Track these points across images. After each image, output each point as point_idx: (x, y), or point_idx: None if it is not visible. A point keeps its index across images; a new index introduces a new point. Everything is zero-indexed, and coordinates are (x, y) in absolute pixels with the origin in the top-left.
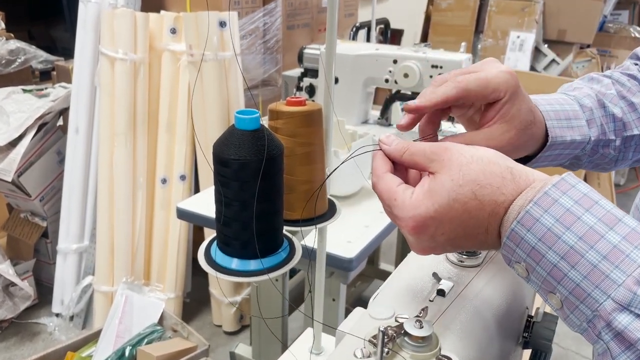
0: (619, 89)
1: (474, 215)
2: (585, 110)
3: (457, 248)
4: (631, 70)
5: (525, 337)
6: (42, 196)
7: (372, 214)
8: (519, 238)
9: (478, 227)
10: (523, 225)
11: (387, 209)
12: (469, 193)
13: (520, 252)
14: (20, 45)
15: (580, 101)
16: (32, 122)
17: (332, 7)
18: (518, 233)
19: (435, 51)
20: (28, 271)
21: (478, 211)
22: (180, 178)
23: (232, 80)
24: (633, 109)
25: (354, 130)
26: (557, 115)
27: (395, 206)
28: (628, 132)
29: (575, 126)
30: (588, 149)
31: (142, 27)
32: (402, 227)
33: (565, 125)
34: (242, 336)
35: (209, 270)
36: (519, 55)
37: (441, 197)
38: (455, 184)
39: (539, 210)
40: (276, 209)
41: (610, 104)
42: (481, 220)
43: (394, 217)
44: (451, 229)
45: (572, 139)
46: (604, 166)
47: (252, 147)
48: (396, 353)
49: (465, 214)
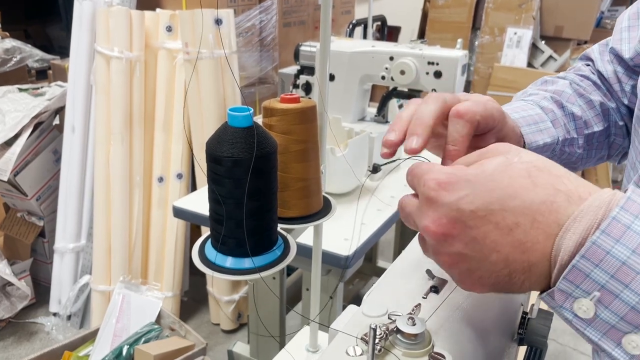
0: (576, 87)
1: (520, 195)
2: (547, 112)
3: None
4: (583, 71)
5: (520, 334)
6: (38, 195)
7: (369, 211)
8: (602, 253)
9: (523, 214)
10: (609, 235)
11: (411, 176)
12: (521, 170)
13: (598, 275)
14: (15, 44)
15: (539, 104)
16: (28, 121)
17: (326, 4)
18: (601, 246)
19: (431, 48)
20: (25, 271)
21: (526, 192)
22: (177, 176)
23: (228, 78)
24: (591, 106)
25: (351, 127)
26: (527, 121)
27: (424, 168)
28: (589, 130)
29: (543, 129)
30: (557, 150)
31: (138, 25)
32: (424, 186)
33: (535, 130)
34: (240, 334)
35: (202, 269)
36: (516, 52)
37: (487, 166)
38: (508, 161)
39: (629, 216)
40: (270, 207)
41: (567, 103)
42: (529, 205)
43: (417, 178)
44: (486, 202)
45: (544, 142)
46: (571, 166)
47: (245, 144)
48: (388, 351)
49: (511, 190)
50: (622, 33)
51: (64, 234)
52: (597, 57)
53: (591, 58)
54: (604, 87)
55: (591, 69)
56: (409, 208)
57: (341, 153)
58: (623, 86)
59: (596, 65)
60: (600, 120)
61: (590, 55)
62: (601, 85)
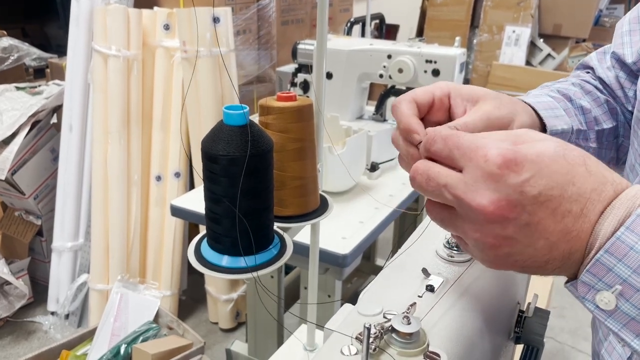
0: (580, 87)
1: (577, 182)
2: (558, 101)
3: (534, 234)
4: (583, 77)
5: (516, 332)
6: (36, 194)
7: (367, 209)
8: (626, 248)
9: (576, 201)
10: (633, 232)
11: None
12: (577, 158)
13: (621, 270)
14: (13, 42)
15: (549, 94)
16: (25, 119)
17: (323, 2)
18: (625, 242)
19: (429, 46)
20: (23, 270)
21: (583, 180)
22: (175, 175)
23: (226, 76)
24: (599, 104)
25: (349, 125)
26: (543, 106)
27: (475, 140)
28: (599, 126)
29: (559, 115)
30: (572, 141)
31: (135, 23)
32: (485, 161)
33: (552, 115)
34: (238, 333)
35: (198, 268)
36: (515, 50)
37: (546, 148)
38: (561, 146)
39: None
40: (266, 205)
41: (575, 97)
42: (582, 193)
43: (467, 150)
44: (548, 187)
45: (562, 128)
46: None
47: (241, 142)
48: (383, 350)
49: (570, 176)
50: (623, 37)
51: (62, 233)
52: (596, 65)
53: (590, 66)
54: (607, 92)
55: (591, 76)
56: (445, 179)
57: (339, 151)
58: (626, 92)
59: (597, 72)
60: (608, 118)
61: (589, 64)
62: (604, 90)
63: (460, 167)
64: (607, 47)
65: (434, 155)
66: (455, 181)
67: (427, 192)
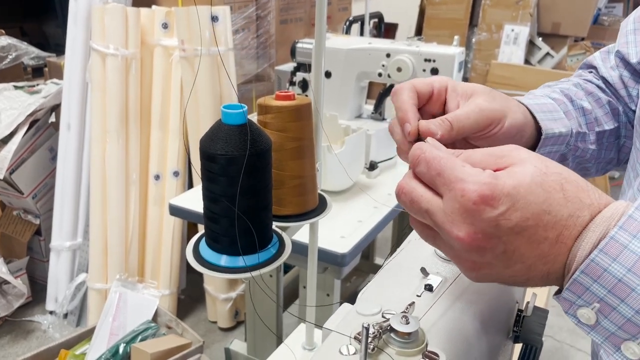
0: (582, 87)
1: (553, 210)
2: (559, 103)
3: (511, 259)
4: (586, 76)
5: (515, 332)
6: (34, 193)
7: (366, 209)
8: (600, 270)
9: (552, 228)
10: (607, 254)
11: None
12: (555, 184)
13: (597, 289)
14: (11, 41)
15: (550, 96)
16: (23, 118)
17: (321, 1)
18: (599, 264)
19: (428, 45)
20: (21, 269)
21: (559, 208)
22: (174, 174)
23: (224, 75)
24: (600, 104)
25: (348, 124)
26: (541, 108)
27: (454, 170)
28: (600, 127)
29: (557, 118)
30: (572, 143)
31: (134, 22)
32: (461, 196)
33: (549, 118)
34: (237, 332)
35: (197, 267)
36: (514, 49)
37: (523, 177)
38: (540, 171)
39: (627, 236)
40: (265, 205)
41: (576, 98)
42: (558, 220)
43: (445, 179)
44: (523, 218)
45: (560, 131)
46: (585, 165)
47: (239, 142)
48: (381, 350)
49: (546, 205)
50: (627, 36)
51: (60, 232)
52: (599, 64)
53: (594, 65)
54: (610, 91)
55: (594, 75)
56: (427, 205)
57: (338, 150)
58: (630, 91)
59: (600, 72)
60: (610, 119)
61: (592, 63)
62: (606, 89)
63: (441, 194)
64: (611, 47)
65: (418, 175)
66: (436, 209)
67: (411, 212)
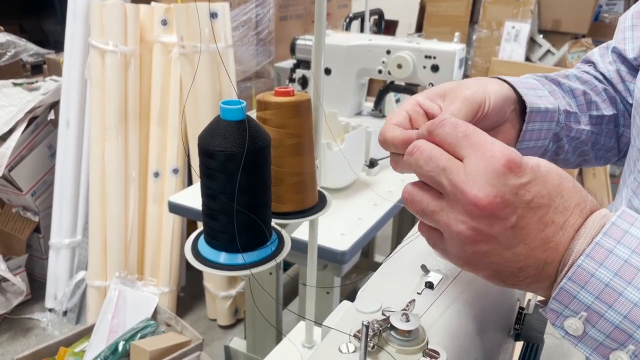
0: (578, 77)
1: (565, 195)
2: (543, 84)
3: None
4: (582, 68)
5: (516, 329)
6: (33, 191)
7: (366, 206)
8: (587, 275)
9: (561, 213)
10: (593, 259)
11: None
12: (565, 174)
13: (584, 297)
14: (10, 38)
15: (533, 77)
16: (22, 115)
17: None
18: (586, 269)
19: (428, 41)
20: (20, 266)
21: (570, 194)
22: (173, 172)
23: (224, 72)
24: (597, 92)
25: (348, 122)
26: (524, 85)
27: (483, 134)
28: (598, 112)
29: (542, 95)
30: (562, 120)
31: (133, 18)
32: (491, 157)
33: (534, 95)
34: (237, 330)
35: (195, 265)
36: (514, 46)
37: (542, 160)
38: (546, 162)
39: (612, 241)
40: (264, 202)
41: (565, 80)
42: (567, 206)
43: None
44: (540, 194)
45: (545, 107)
46: (583, 149)
47: (238, 138)
48: (381, 348)
49: (560, 189)
50: (625, 32)
51: (60, 230)
52: (598, 60)
53: (592, 61)
54: (607, 84)
55: (593, 69)
56: (446, 163)
57: (338, 147)
58: (627, 85)
59: (598, 67)
60: (608, 105)
61: (590, 59)
62: (604, 81)
63: (462, 156)
64: (609, 43)
65: (437, 138)
66: (455, 167)
67: (421, 172)
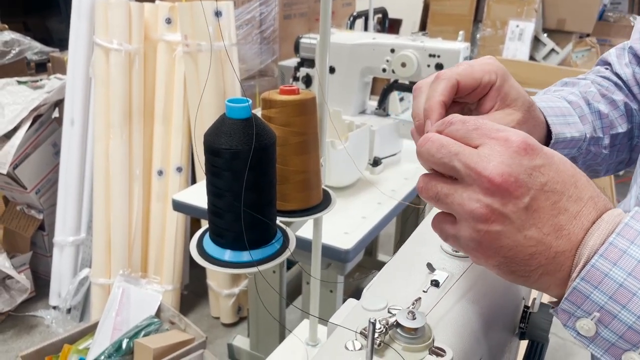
0: (599, 87)
1: (580, 186)
2: (575, 106)
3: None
4: (603, 72)
5: (521, 328)
6: (38, 188)
7: (370, 204)
8: (601, 275)
9: (575, 202)
10: (607, 259)
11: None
12: (574, 166)
13: (597, 297)
14: (14, 36)
15: (566, 98)
16: (27, 113)
17: None
18: (600, 269)
19: (432, 40)
20: (25, 264)
21: (584, 186)
22: (177, 170)
23: (228, 70)
24: (615, 106)
25: (351, 120)
26: (554, 112)
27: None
28: (614, 130)
29: (571, 123)
30: (584, 148)
31: (137, 17)
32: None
33: (562, 122)
34: (240, 328)
35: (200, 262)
36: (518, 45)
37: (556, 152)
38: (560, 154)
39: (625, 242)
40: (269, 200)
41: (593, 101)
42: (581, 197)
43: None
44: (554, 180)
45: (572, 136)
46: (595, 167)
47: (243, 136)
48: (388, 345)
49: (574, 179)
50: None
51: (64, 227)
52: (614, 61)
53: (609, 62)
54: (625, 89)
55: (610, 71)
56: (458, 148)
57: (342, 146)
58: None
59: (614, 68)
60: (624, 121)
61: (607, 59)
62: (623, 87)
63: (475, 145)
64: (626, 43)
65: (450, 133)
66: (469, 151)
67: (434, 160)
